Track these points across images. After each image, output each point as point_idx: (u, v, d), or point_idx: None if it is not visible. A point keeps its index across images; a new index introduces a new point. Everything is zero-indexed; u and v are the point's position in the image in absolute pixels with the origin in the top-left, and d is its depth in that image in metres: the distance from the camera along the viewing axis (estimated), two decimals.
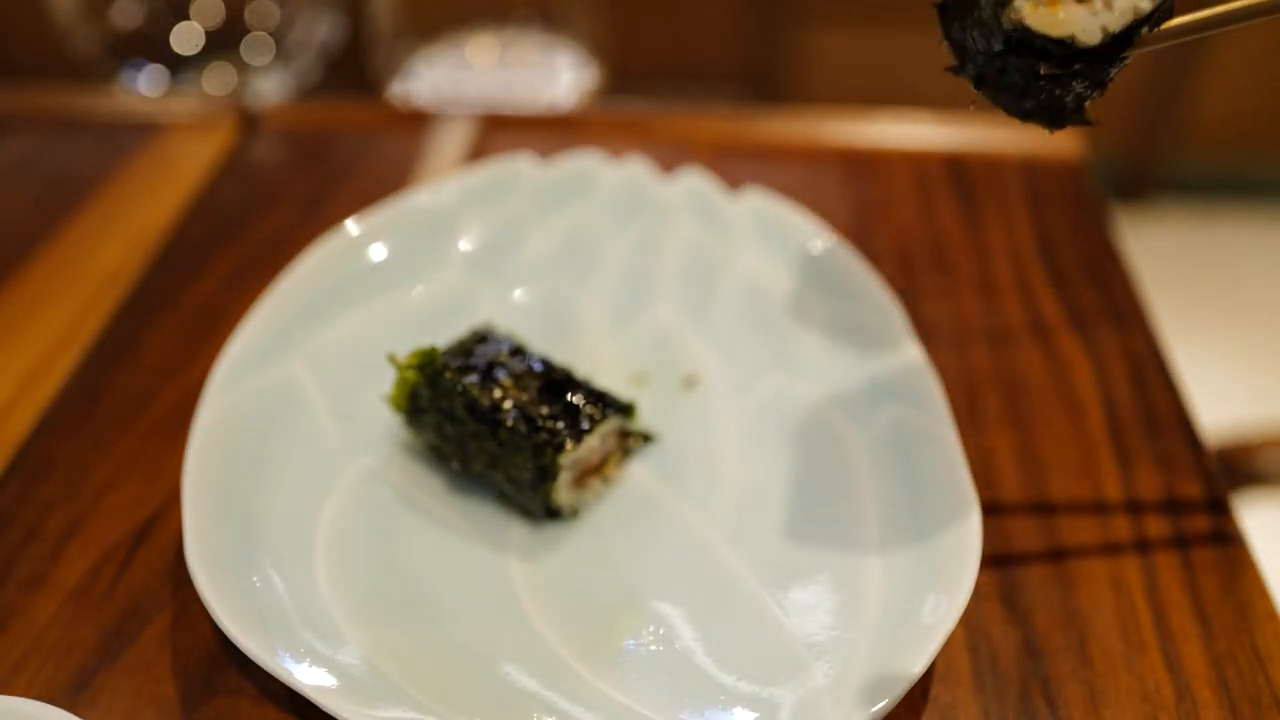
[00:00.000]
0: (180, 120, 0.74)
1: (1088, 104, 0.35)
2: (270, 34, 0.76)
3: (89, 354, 0.55)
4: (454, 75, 0.92)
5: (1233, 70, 1.65)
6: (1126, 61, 0.34)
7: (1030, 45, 0.34)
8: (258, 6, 0.77)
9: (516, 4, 0.93)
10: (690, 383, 0.51)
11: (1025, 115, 0.36)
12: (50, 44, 0.89)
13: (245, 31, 0.76)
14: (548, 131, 0.74)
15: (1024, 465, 0.48)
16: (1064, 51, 0.34)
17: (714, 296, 0.54)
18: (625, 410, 0.45)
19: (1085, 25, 0.33)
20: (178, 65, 0.75)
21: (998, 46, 0.34)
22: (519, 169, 0.59)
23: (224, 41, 0.76)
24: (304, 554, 0.42)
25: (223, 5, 0.77)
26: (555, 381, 0.45)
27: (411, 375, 0.45)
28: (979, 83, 0.36)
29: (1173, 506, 0.46)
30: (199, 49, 0.75)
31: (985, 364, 0.53)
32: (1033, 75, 0.34)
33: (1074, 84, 0.34)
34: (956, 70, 0.36)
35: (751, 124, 0.73)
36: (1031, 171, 0.68)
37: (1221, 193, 1.85)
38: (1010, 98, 0.35)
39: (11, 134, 0.74)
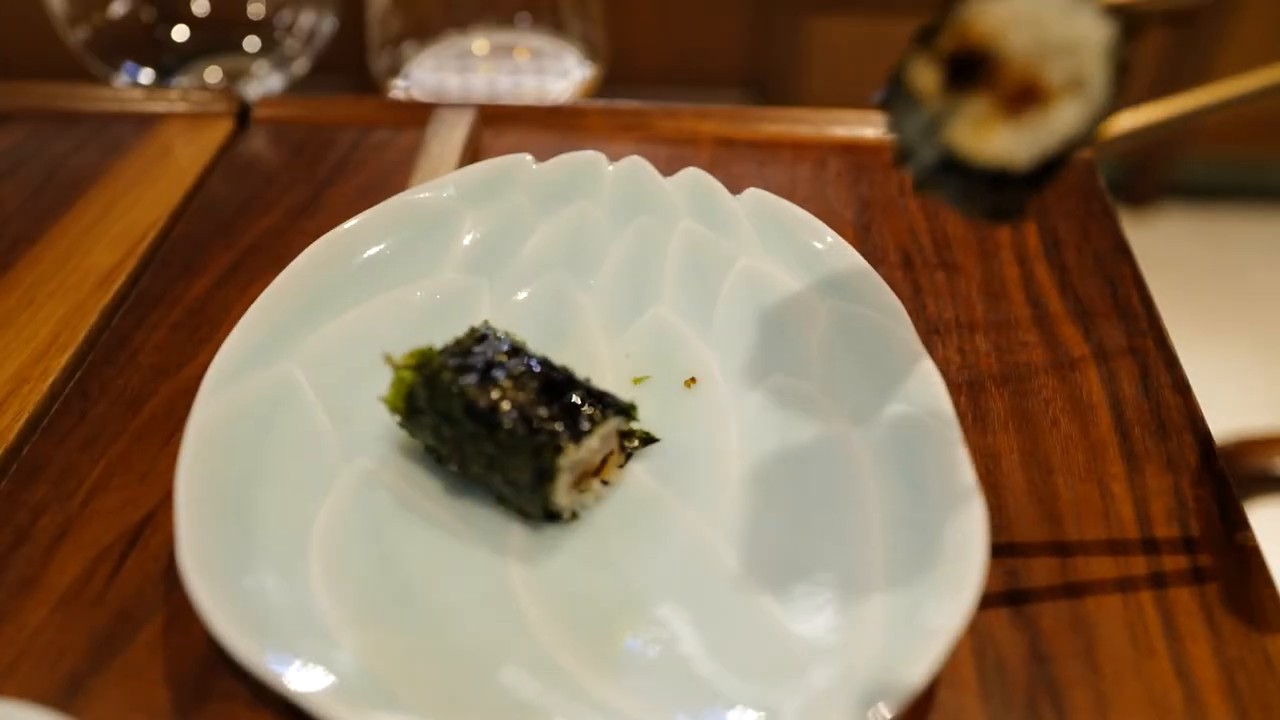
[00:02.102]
0: (175, 116, 0.73)
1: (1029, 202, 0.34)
2: (267, 29, 0.76)
3: (81, 353, 0.54)
4: (454, 74, 0.92)
5: (1239, 72, 1.65)
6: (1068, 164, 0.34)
7: (965, 165, 0.33)
8: (255, 1, 0.76)
9: (516, 4, 0.93)
10: (691, 383, 0.50)
11: (965, 215, 0.36)
12: (44, 38, 0.88)
13: (243, 26, 0.75)
14: (547, 129, 0.73)
15: (1030, 467, 0.47)
16: (998, 175, 0.33)
17: (715, 296, 0.54)
18: (625, 411, 0.45)
19: (1018, 151, 0.32)
20: (174, 60, 0.74)
21: (933, 160, 0.34)
22: (518, 167, 0.59)
23: (221, 36, 0.76)
24: (299, 557, 0.41)
25: (220, 1, 0.76)
26: (554, 382, 0.44)
27: (408, 375, 0.44)
28: (918, 185, 0.35)
29: (1182, 509, 0.45)
30: (196, 44, 0.75)
31: (991, 364, 0.53)
32: (968, 189, 0.34)
33: (1011, 194, 0.33)
34: (898, 164, 0.36)
35: (753, 121, 0.73)
36: None
37: (1227, 195, 1.85)
38: (949, 200, 0.35)
39: (2, 130, 0.73)
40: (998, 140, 0.32)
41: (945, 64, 0.33)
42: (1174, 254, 1.69)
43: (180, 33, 0.75)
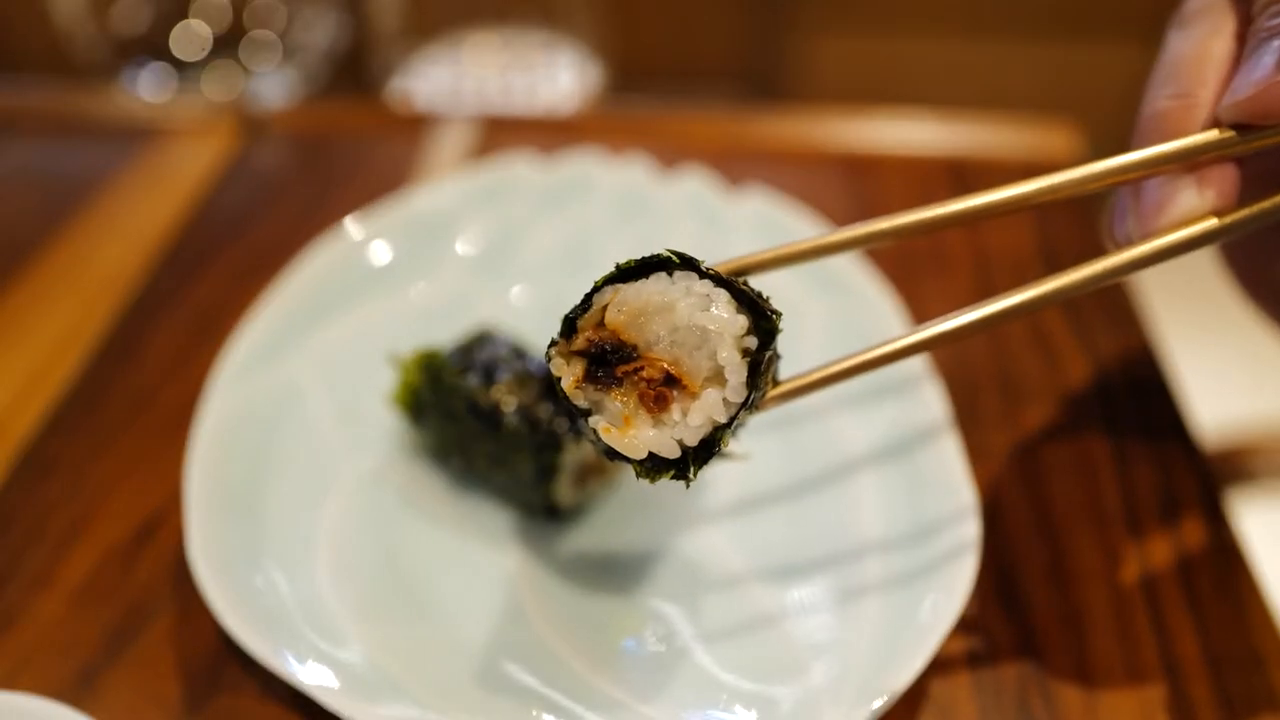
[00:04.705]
0: (182, 123, 0.74)
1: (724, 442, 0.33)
2: (273, 37, 0.76)
3: (92, 355, 0.55)
4: (454, 75, 0.92)
5: None
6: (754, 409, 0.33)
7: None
8: (259, 8, 0.77)
9: (516, 4, 0.93)
10: None
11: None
12: (54, 45, 0.89)
13: (249, 34, 0.76)
14: (548, 131, 0.74)
15: (1022, 465, 0.48)
16: (651, 461, 0.32)
17: None
18: None
19: (660, 444, 0.32)
20: (180, 67, 0.75)
21: (600, 448, 0.33)
22: (519, 170, 0.59)
23: (226, 43, 0.76)
24: (306, 553, 0.42)
25: (224, 8, 0.77)
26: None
27: (413, 375, 0.45)
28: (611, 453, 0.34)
29: (1170, 507, 0.46)
30: (201, 51, 0.76)
31: (984, 364, 0.54)
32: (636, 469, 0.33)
33: (675, 465, 0.32)
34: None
35: (752, 124, 0.73)
36: (1031, 172, 0.68)
37: None
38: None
39: (15, 136, 0.74)
40: (642, 436, 0.32)
41: (586, 357, 0.32)
42: None
43: (187, 40, 0.75)
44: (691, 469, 0.32)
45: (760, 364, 0.32)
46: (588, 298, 0.33)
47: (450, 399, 0.44)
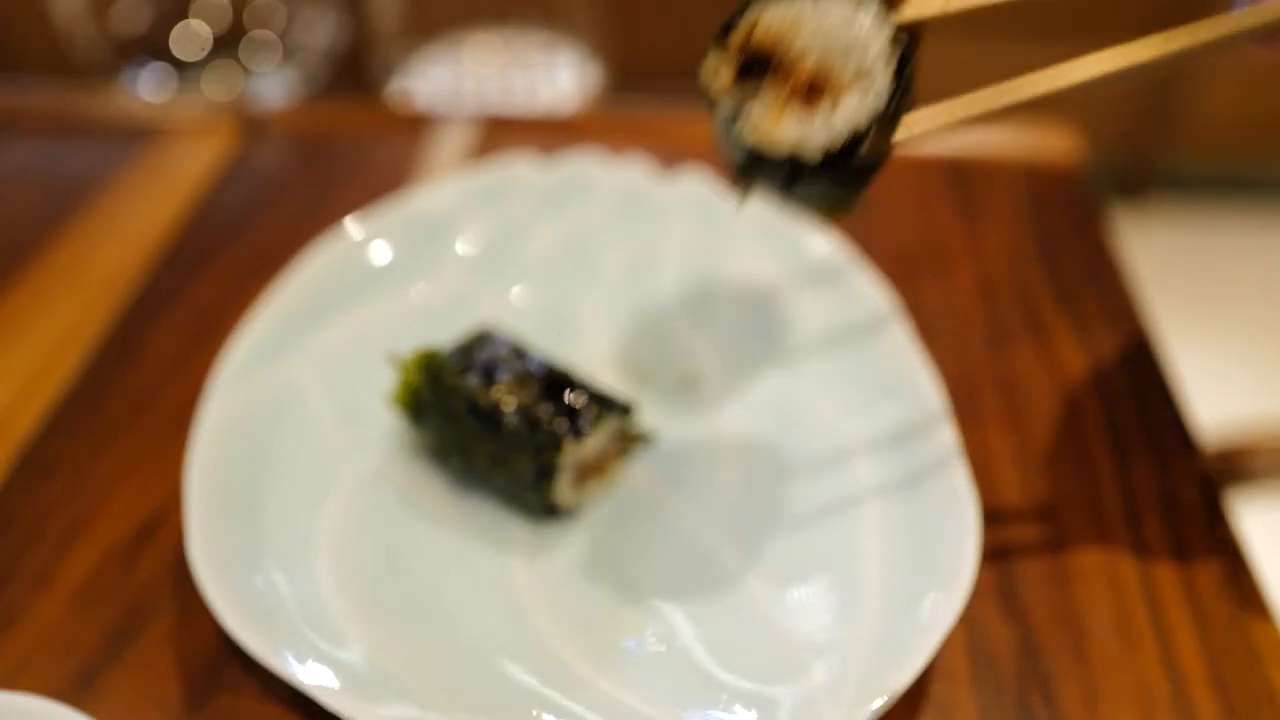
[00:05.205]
0: (182, 123, 0.74)
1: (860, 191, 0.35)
2: (272, 36, 0.76)
3: (92, 354, 0.55)
4: (454, 75, 0.92)
5: (1233, 69, 1.65)
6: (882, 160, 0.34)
7: (764, 158, 0.34)
8: (259, 8, 0.77)
9: (516, 4, 0.93)
10: (690, 383, 0.51)
11: (789, 207, 0.37)
12: (54, 45, 0.89)
13: (249, 33, 0.76)
14: (548, 131, 0.74)
15: (1022, 464, 0.48)
16: (794, 164, 0.34)
17: (714, 296, 0.55)
18: (625, 410, 0.46)
19: (805, 138, 0.33)
20: (180, 67, 0.75)
21: (740, 159, 0.35)
22: (519, 169, 0.59)
23: (226, 43, 0.76)
24: (306, 553, 0.42)
25: (224, 7, 0.77)
26: (556, 382, 0.45)
27: (413, 375, 0.45)
28: (736, 177, 0.36)
29: (1169, 505, 0.46)
30: (201, 51, 0.76)
31: (984, 363, 0.54)
32: (779, 183, 0.35)
33: (818, 184, 0.34)
34: (734, 181, 0.37)
35: None
36: (1030, 173, 0.68)
37: (1221, 192, 1.85)
38: (775, 197, 0.36)
39: (15, 136, 0.74)
40: (786, 128, 0.33)
41: (738, 62, 0.35)
42: (1166, 251, 1.69)
43: (187, 40, 0.76)
44: (834, 169, 0.33)
45: (904, 72, 0.34)
46: (734, 17, 0.35)
47: (450, 399, 0.44)
